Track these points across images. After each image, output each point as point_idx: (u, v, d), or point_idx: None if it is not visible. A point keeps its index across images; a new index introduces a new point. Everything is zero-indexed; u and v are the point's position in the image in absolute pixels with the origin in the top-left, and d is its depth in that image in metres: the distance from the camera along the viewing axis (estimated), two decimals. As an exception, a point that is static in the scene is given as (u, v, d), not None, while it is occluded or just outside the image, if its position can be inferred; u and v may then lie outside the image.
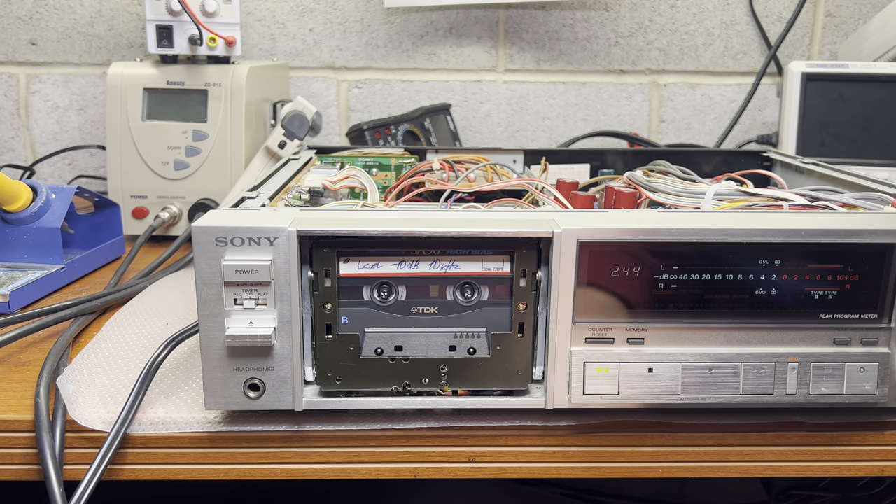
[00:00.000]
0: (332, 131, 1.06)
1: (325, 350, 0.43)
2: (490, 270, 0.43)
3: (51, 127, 1.04)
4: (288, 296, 0.41)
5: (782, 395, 0.43)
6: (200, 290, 0.41)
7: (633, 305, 0.43)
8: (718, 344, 0.43)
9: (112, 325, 0.56)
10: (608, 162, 0.78)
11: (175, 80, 0.81)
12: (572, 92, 1.06)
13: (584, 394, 0.43)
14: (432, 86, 1.06)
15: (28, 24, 1.01)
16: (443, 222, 0.42)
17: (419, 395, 0.44)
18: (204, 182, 0.81)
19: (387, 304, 0.43)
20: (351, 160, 0.70)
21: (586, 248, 0.42)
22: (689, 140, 1.08)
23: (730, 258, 0.42)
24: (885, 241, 0.42)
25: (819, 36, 1.05)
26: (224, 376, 0.42)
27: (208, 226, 0.40)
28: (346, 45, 1.04)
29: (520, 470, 0.46)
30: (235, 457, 0.45)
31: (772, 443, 0.46)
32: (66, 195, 0.68)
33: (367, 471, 0.45)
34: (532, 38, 1.04)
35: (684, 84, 1.06)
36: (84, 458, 0.43)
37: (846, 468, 0.47)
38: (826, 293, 0.43)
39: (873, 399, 0.44)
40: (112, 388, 0.47)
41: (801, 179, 0.69)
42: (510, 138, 1.08)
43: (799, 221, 0.43)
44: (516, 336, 0.43)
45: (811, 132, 0.87)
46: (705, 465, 0.46)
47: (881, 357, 0.43)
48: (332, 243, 0.42)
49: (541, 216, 0.44)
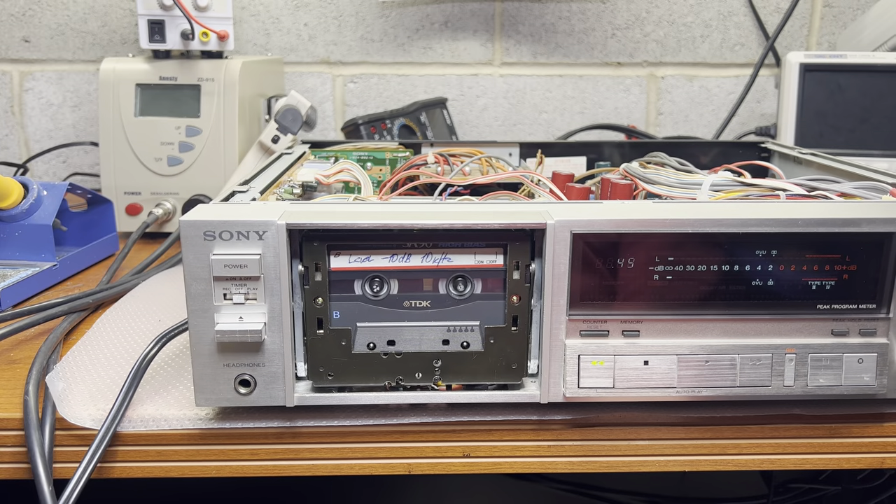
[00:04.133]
0: (327, 126, 1.06)
1: (317, 345, 0.42)
2: (483, 263, 0.42)
3: (45, 124, 1.03)
4: (278, 290, 0.41)
5: (780, 386, 0.43)
6: (189, 285, 0.40)
7: (628, 297, 0.42)
8: (715, 336, 0.43)
9: (103, 322, 0.56)
10: (605, 154, 0.78)
11: (168, 75, 0.80)
12: (569, 85, 1.06)
13: (580, 387, 0.42)
14: (428, 80, 1.05)
15: (21, 20, 1.00)
16: (435, 215, 0.41)
17: (412, 389, 0.44)
18: (197, 178, 0.80)
19: (379, 298, 0.42)
20: (345, 154, 0.69)
21: (580, 240, 0.41)
22: (687, 133, 1.07)
23: (726, 248, 0.42)
24: (884, 230, 0.42)
25: (817, 26, 1.05)
26: (214, 372, 0.42)
27: (196, 220, 0.40)
28: (341, 39, 1.03)
29: (515, 464, 0.45)
30: (227, 454, 0.44)
31: (770, 435, 0.46)
32: (57, 192, 0.67)
33: (360, 467, 0.45)
34: (528, 31, 1.04)
35: (682, 76, 1.06)
36: (74, 456, 0.43)
37: (845, 460, 0.46)
38: (824, 283, 0.42)
39: (872, 390, 0.43)
40: (102, 385, 0.46)
41: (799, 170, 0.68)
42: (507, 132, 1.07)
43: (796, 211, 0.43)
44: (510, 329, 0.43)
45: (810, 123, 0.86)
46: (702, 459, 0.46)
47: (880, 347, 0.43)
48: (322, 237, 0.41)
49: (534, 207, 0.44)
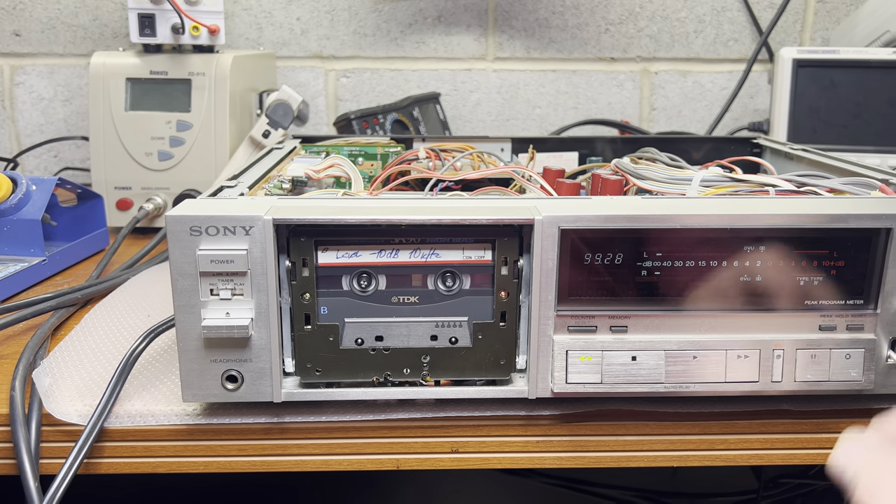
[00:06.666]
0: (320, 121, 1.06)
1: (305, 341, 0.42)
2: (471, 259, 0.42)
3: (36, 119, 1.03)
4: (265, 286, 0.41)
5: (768, 382, 0.43)
6: (176, 280, 0.40)
7: (616, 293, 0.42)
8: (703, 331, 0.43)
9: (92, 317, 0.56)
10: (597, 150, 0.77)
11: (158, 69, 0.80)
12: (563, 80, 1.05)
13: (567, 382, 0.42)
14: (421, 74, 1.05)
15: (11, 14, 1.00)
16: (423, 210, 0.41)
17: (401, 385, 0.43)
18: (188, 173, 0.80)
19: (367, 293, 0.42)
20: (336, 149, 0.69)
21: (568, 235, 0.41)
22: (681, 128, 1.07)
23: (714, 244, 0.42)
24: (872, 225, 0.42)
25: (811, 22, 1.05)
26: (201, 368, 0.41)
27: (182, 215, 0.40)
28: (333, 33, 1.03)
29: (503, 460, 0.45)
30: (215, 449, 0.44)
31: (758, 430, 0.46)
32: (47, 186, 0.67)
33: (348, 462, 0.45)
34: (522, 26, 1.03)
35: (675, 71, 1.06)
36: (60, 451, 0.43)
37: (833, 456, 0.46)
38: (811, 279, 0.42)
39: (859, 386, 0.43)
40: (90, 380, 0.46)
41: (790, 166, 0.68)
42: (500, 127, 1.07)
43: (784, 207, 0.43)
44: (498, 325, 0.43)
45: (802, 119, 0.86)
46: (690, 454, 0.46)
47: (867, 343, 0.43)
48: (309, 232, 0.41)
49: (522, 203, 0.44)
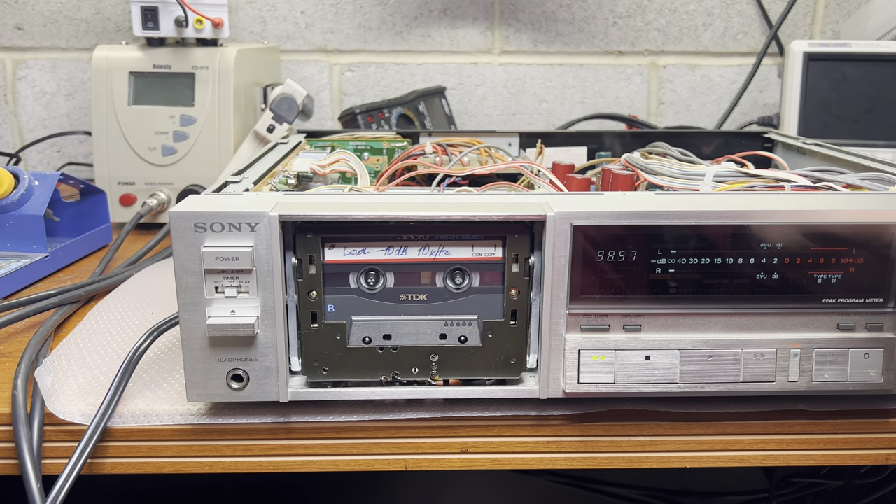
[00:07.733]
0: (325, 116, 1.05)
1: (311, 339, 0.41)
2: (481, 256, 0.41)
3: (39, 113, 1.02)
4: (271, 283, 0.40)
5: (784, 382, 0.42)
6: (180, 278, 0.39)
7: (629, 291, 0.41)
8: (718, 330, 0.42)
9: (95, 314, 0.55)
10: (606, 145, 0.76)
11: (161, 63, 0.79)
12: (570, 74, 1.04)
13: (580, 382, 0.41)
14: (427, 68, 1.04)
15: (14, 8, 0.99)
16: (431, 206, 0.40)
17: (409, 384, 0.43)
18: (192, 168, 0.79)
19: (374, 291, 0.42)
20: (341, 144, 0.68)
21: (580, 232, 0.40)
22: (689, 122, 1.06)
23: (729, 241, 0.41)
24: (891, 222, 0.41)
25: (821, 15, 1.03)
26: (206, 367, 0.41)
27: (186, 211, 0.39)
28: (338, 27, 1.02)
29: (513, 461, 0.44)
30: (220, 449, 0.43)
31: (773, 431, 0.45)
32: (49, 182, 0.66)
33: (356, 463, 0.44)
34: (528, 19, 1.02)
35: (684, 65, 1.04)
36: (63, 451, 0.42)
37: (849, 457, 0.45)
38: (829, 277, 0.41)
39: (878, 386, 0.42)
40: (93, 379, 0.45)
41: (803, 161, 0.67)
42: (507, 122, 1.06)
43: (801, 203, 0.42)
44: (509, 323, 0.42)
45: (813, 113, 0.85)
46: (704, 455, 0.45)
47: (886, 343, 0.42)
48: (316, 228, 0.40)
49: (533, 199, 0.43)
